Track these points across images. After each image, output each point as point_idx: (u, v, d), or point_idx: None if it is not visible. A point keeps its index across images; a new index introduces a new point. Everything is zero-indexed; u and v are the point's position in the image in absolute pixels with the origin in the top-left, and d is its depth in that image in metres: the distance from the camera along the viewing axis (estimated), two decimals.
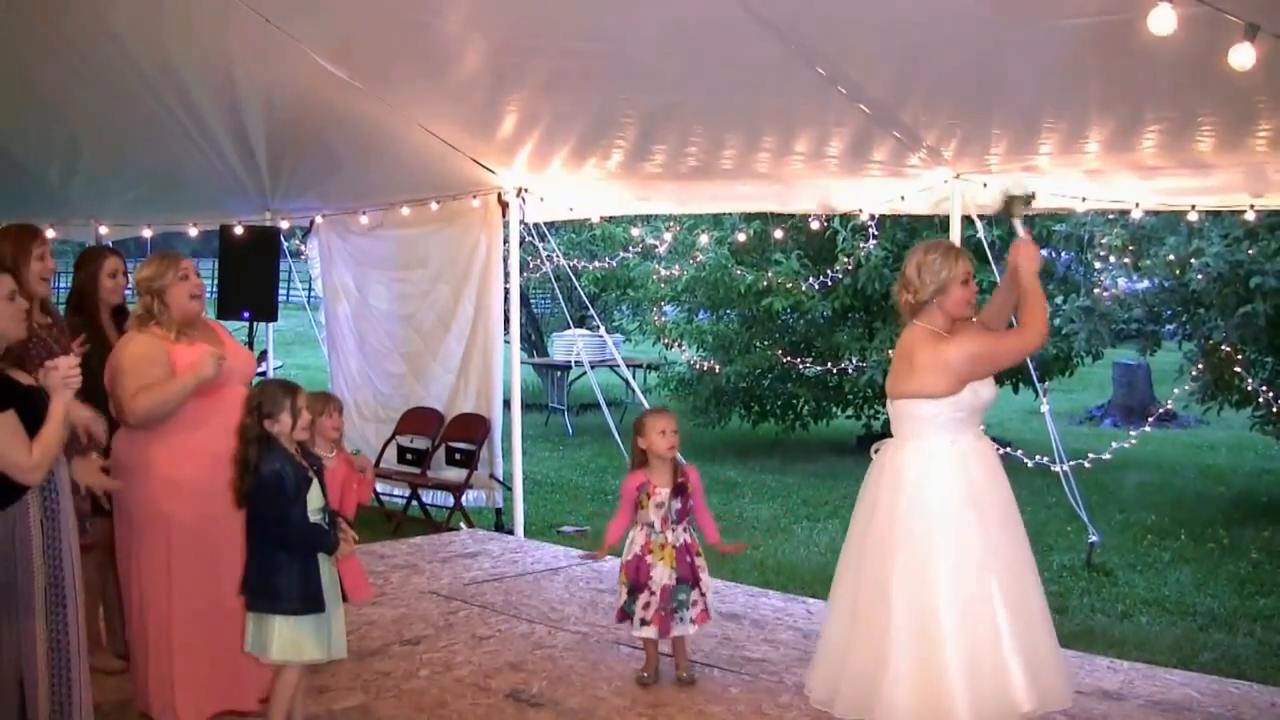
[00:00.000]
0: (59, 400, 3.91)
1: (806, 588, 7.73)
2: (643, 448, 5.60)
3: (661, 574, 5.52)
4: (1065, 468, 8.38)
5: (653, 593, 5.52)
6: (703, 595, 5.60)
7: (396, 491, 10.13)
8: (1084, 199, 6.93)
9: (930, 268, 4.49)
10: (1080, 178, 6.83)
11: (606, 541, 5.75)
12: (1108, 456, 9.38)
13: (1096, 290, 11.47)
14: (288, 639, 4.49)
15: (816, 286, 11.89)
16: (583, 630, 6.59)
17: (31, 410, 3.84)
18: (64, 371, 3.93)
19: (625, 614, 5.62)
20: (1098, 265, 11.87)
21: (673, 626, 5.55)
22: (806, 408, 14.60)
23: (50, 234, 7.43)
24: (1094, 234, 11.43)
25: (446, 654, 6.12)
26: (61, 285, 9.43)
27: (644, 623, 5.54)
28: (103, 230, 11.64)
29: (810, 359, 13.04)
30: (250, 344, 11.01)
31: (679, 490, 5.58)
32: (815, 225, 8.80)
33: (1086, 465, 9.13)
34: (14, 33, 7.08)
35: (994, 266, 6.23)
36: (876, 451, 4.73)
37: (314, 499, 4.56)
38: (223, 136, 8.86)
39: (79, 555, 4.10)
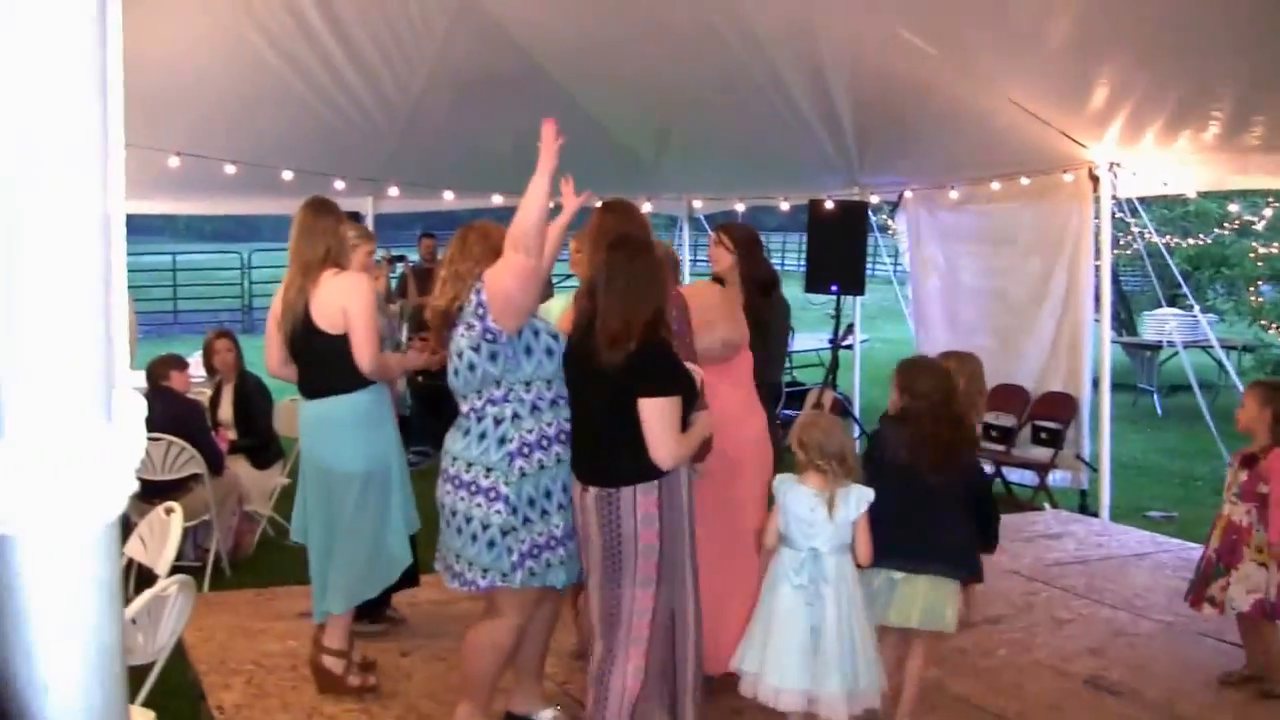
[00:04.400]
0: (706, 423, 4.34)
1: None
2: None
3: (1211, 542, 5.42)
4: None
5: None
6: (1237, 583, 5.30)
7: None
8: None
9: None
10: None
11: None
12: None
13: None
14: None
15: None
16: (1168, 620, 6.42)
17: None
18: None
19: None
20: None
21: (1202, 606, 5.40)
22: None
23: (646, 208, 8.04)
24: None
25: (1025, 635, 6.17)
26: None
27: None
28: (696, 204, 12.49)
29: None
30: (837, 317, 11.50)
31: (1246, 461, 5.38)
32: None
33: None
34: (613, 16, 7.81)
35: None
36: None
37: None
38: (810, 112, 9.27)
39: None
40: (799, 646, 4.28)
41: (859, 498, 4.37)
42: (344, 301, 4.96)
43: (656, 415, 3.96)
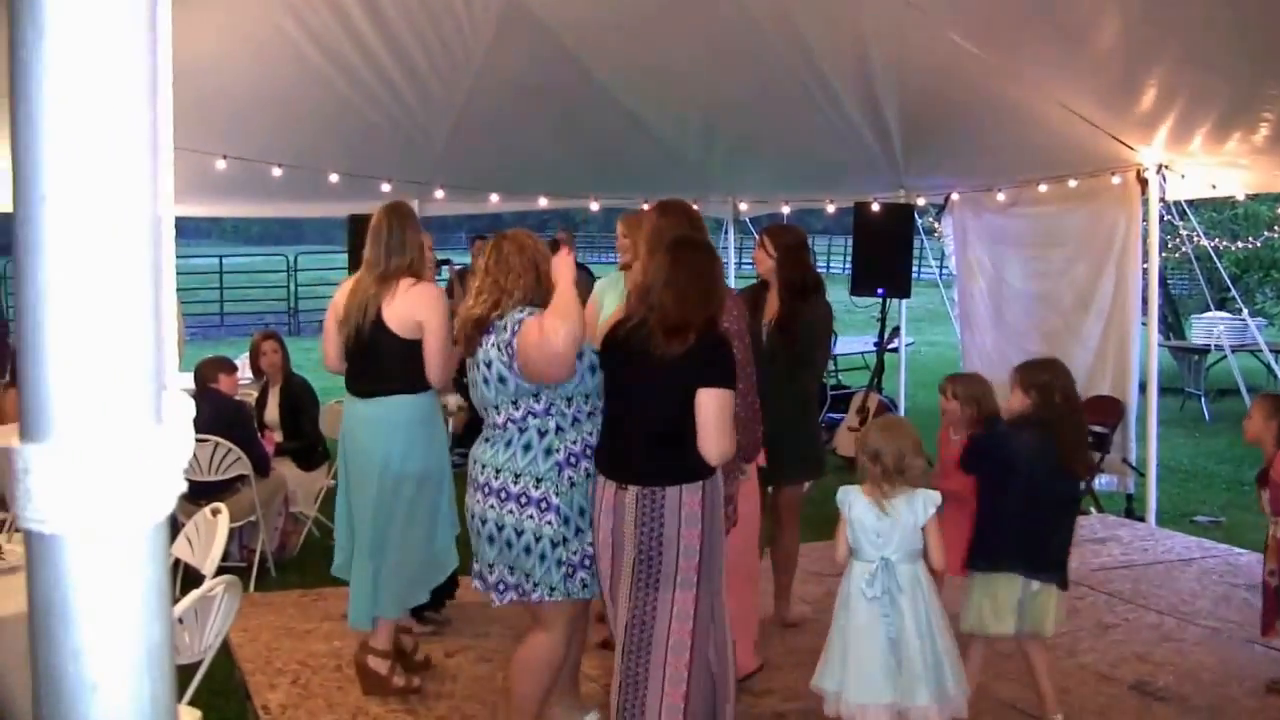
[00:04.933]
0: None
1: None
2: None
3: (1267, 565, 5.33)
4: None
5: None
6: None
7: None
8: None
9: None
10: None
11: None
12: None
13: None
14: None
15: None
16: (1214, 625, 6.35)
17: None
18: None
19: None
20: None
21: (1274, 632, 5.31)
22: None
23: None
24: None
25: (1071, 640, 6.09)
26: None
27: None
28: (742, 207, 12.40)
29: None
30: (883, 320, 11.44)
31: (1261, 479, 5.35)
32: None
33: None
34: (659, 18, 7.79)
35: None
36: None
37: None
38: (856, 113, 9.22)
39: None
40: (881, 660, 4.21)
41: (925, 501, 4.29)
42: (423, 314, 5.04)
43: (715, 406, 3.91)
